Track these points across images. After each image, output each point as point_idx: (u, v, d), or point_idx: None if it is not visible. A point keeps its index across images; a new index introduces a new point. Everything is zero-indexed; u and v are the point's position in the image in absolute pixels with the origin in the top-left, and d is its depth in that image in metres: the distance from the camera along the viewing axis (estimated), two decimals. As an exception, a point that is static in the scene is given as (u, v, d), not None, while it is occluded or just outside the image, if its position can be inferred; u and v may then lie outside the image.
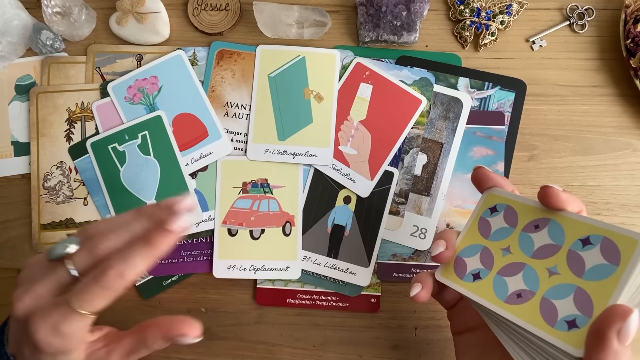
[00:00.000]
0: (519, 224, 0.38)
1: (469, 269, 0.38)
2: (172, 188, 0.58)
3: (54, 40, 0.59)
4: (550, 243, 0.36)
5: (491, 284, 0.36)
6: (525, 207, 0.38)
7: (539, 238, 0.36)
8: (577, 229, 0.35)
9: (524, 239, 0.37)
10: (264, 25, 0.58)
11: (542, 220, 0.37)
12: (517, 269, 0.36)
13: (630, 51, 0.57)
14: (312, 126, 0.58)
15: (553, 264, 0.34)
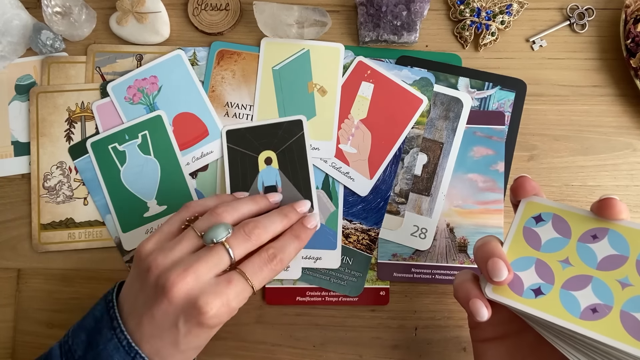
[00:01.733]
0: (574, 234, 0.36)
1: (527, 284, 0.36)
2: (172, 188, 0.58)
3: (54, 40, 0.59)
4: (614, 254, 0.34)
5: (558, 300, 0.34)
6: (575, 216, 0.36)
7: (600, 249, 0.35)
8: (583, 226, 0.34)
9: (584, 249, 0.35)
10: (264, 25, 0.58)
11: (599, 230, 0.35)
12: (584, 282, 0.34)
13: (630, 51, 0.57)
14: (316, 119, 0.58)
15: (624, 275, 0.33)
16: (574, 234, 0.36)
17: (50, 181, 0.58)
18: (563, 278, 0.35)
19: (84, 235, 0.58)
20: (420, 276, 0.57)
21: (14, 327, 0.58)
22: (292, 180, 0.57)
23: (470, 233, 0.57)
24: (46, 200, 0.58)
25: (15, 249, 0.58)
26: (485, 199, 0.58)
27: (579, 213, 0.36)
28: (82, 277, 0.58)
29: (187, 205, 0.47)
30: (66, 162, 0.59)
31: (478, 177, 0.58)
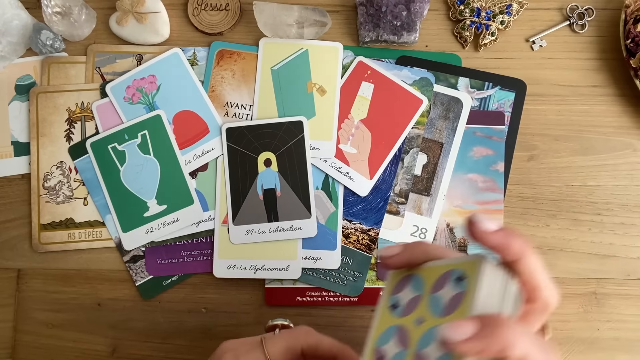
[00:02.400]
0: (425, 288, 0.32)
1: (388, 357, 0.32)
2: (172, 187, 0.58)
3: (54, 40, 0.59)
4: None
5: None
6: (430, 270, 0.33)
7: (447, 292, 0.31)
8: (432, 274, 0.32)
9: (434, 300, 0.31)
10: (264, 25, 0.58)
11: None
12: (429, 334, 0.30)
13: (630, 51, 0.57)
14: (315, 119, 0.58)
15: (419, 315, 0.31)
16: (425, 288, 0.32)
17: (50, 181, 0.58)
18: (417, 337, 0.31)
19: (84, 235, 0.58)
20: (420, 276, 0.57)
21: (14, 327, 0.58)
22: (291, 184, 0.57)
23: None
24: (46, 200, 0.58)
25: (15, 249, 0.58)
26: (485, 199, 0.58)
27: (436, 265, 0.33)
28: (82, 277, 0.58)
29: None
30: (66, 162, 0.59)
31: (478, 177, 0.58)
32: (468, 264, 0.30)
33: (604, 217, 0.58)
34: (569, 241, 0.58)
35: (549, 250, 0.58)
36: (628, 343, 0.57)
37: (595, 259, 0.58)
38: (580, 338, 0.57)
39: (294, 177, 0.58)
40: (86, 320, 0.58)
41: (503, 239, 0.29)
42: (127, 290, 0.58)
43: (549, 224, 0.58)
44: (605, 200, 0.58)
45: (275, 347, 0.38)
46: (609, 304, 0.57)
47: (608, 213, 0.58)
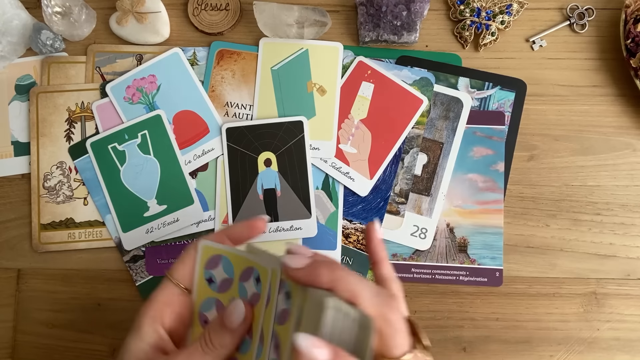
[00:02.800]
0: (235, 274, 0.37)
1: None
2: (172, 187, 0.58)
3: (54, 40, 0.59)
4: (227, 278, 0.37)
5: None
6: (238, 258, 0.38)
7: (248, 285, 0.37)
8: (239, 263, 0.37)
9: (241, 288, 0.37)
10: (264, 25, 0.58)
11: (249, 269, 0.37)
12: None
13: (630, 51, 0.57)
14: (315, 119, 0.58)
15: (231, 295, 0.37)
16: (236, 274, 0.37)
17: (50, 181, 0.58)
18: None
19: (84, 235, 0.58)
20: (420, 276, 0.57)
21: (14, 327, 0.58)
22: (291, 184, 0.57)
23: (470, 233, 0.57)
24: (46, 200, 0.58)
25: (15, 249, 0.58)
26: (485, 199, 0.58)
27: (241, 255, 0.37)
28: (82, 277, 0.58)
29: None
30: (66, 162, 0.59)
31: (478, 177, 0.58)
32: (263, 269, 0.35)
33: (604, 217, 0.58)
34: (569, 241, 0.58)
35: (549, 250, 0.58)
36: (628, 343, 0.57)
37: (595, 259, 0.58)
38: (580, 338, 0.57)
39: (294, 177, 0.58)
40: (86, 320, 0.57)
41: (308, 274, 0.31)
42: (127, 290, 0.58)
43: (549, 224, 0.58)
44: (605, 200, 0.58)
45: (180, 272, 0.38)
46: (609, 304, 0.57)
47: (608, 213, 0.58)
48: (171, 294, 0.37)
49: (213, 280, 0.37)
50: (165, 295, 0.37)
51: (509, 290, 0.57)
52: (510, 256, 0.58)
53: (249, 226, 0.39)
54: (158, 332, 0.35)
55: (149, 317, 0.36)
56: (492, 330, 0.57)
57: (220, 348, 0.34)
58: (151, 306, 0.36)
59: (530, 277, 0.57)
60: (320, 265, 0.31)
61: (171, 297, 0.37)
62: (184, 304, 0.37)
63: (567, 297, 0.57)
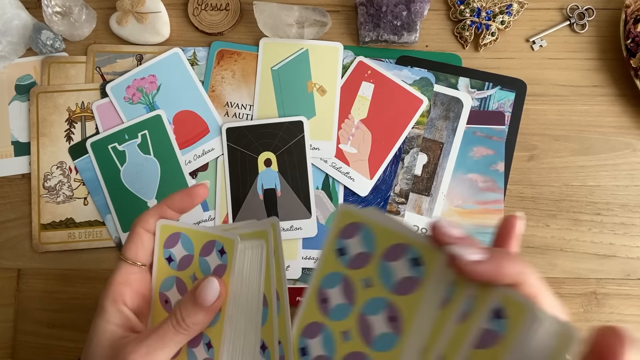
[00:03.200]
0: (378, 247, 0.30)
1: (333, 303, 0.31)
2: (172, 187, 0.58)
3: (54, 40, 0.59)
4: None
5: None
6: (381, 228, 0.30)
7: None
8: (386, 238, 0.30)
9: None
10: (264, 25, 0.58)
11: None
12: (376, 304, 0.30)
13: (630, 51, 0.57)
14: (315, 119, 0.58)
15: (367, 275, 0.30)
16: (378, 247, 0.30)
17: (50, 181, 0.58)
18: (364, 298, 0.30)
19: (84, 235, 0.58)
20: (420, 276, 0.57)
21: (14, 327, 0.58)
22: (291, 184, 0.57)
23: (470, 233, 0.57)
24: (46, 200, 0.58)
25: (15, 249, 0.58)
26: (485, 199, 0.58)
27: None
28: (82, 277, 0.58)
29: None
30: (66, 162, 0.59)
31: (478, 177, 0.58)
32: (227, 240, 0.31)
33: (604, 217, 0.58)
34: (569, 241, 0.58)
35: (549, 250, 0.58)
36: (628, 343, 0.57)
37: (595, 259, 0.58)
38: (580, 338, 0.57)
39: (294, 177, 0.58)
40: (86, 320, 0.57)
41: (493, 268, 0.25)
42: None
43: (549, 224, 0.58)
44: (605, 200, 0.58)
45: (132, 251, 0.37)
46: (609, 304, 0.57)
47: (608, 213, 0.58)
48: (127, 273, 0.37)
49: (172, 258, 0.37)
50: (122, 275, 0.37)
51: (509, 290, 0.57)
52: (510, 256, 0.58)
53: (189, 193, 0.38)
54: (122, 312, 0.36)
55: (110, 299, 0.36)
56: (492, 330, 0.57)
57: (194, 326, 0.33)
58: (110, 288, 0.36)
59: (530, 277, 0.57)
60: (501, 256, 0.26)
61: (127, 277, 0.37)
62: (143, 281, 0.37)
63: (567, 297, 0.57)
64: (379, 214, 0.30)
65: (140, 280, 0.37)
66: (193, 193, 0.39)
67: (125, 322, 0.36)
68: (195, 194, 0.39)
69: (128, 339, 0.34)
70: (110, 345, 0.34)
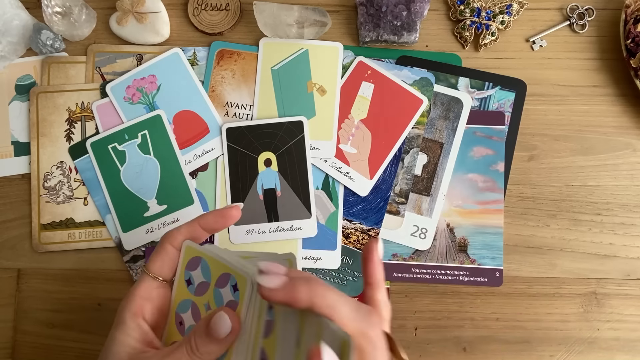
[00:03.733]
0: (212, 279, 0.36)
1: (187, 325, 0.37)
2: (172, 187, 0.58)
3: (54, 40, 0.59)
4: (204, 281, 0.37)
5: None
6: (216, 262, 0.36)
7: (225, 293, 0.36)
8: (217, 268, 0.36)
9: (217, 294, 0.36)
10: (264, 25, 0.58)
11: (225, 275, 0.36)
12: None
13: (630, 51, 0.57)
14: (315, 119, 0.58)
15: (207, 300, 0.36)
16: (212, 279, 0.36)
17: (50, 181, 0.58)
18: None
19: (84, 235, 0.58)
20: (420, 276, 0.57)
21: (14, 327, 0.58)
22: (291, 184, 0.57)
23: (470, 233, 0.57)
24: (46, 200, 0.58)
25: (15, 249, 0.58)
26: (485, 199, 0.58)
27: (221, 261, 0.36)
28: (82, 277, 0.58)
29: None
30: (66, 162, 0.59)
31: (478, 177, 0.58)
32: (241, 277, 0.34)
33: (604, 217, 0.58)
34: (569, 241, 0.58)
35: (549, 250, 0.58)
36: (628, 343, 0.57)
37: (595, 259, 0.58)
38: (580, 338, 0.57)
39: (294, 177, 0.58)
40: (86, 320, 0.58)
41: (285, 294, 0.30)
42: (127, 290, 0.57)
43: (549, 224, 0.58)
44: (605, 200, 0.58)
45: (156, 265, 0.38)
46: (609, 304, 0.57)
47: (608, 213, 0.58)
48: (150, 287, 0.37)
49: (191, 282, 0.37)
50: (144, 289, 0.37)
51: (509, 290, 0.57)
52: (510, 256, 0.58)
53: (222, 215, 0.38)
54: (142, 327, 0.36)
55: (131, 312, 0.36)
56: (492, 330, 0.57)
57: (207, 355, 0.34)
58: (132, 301, 0.36)
59: (530, 277, 0.57)
60: (297, 283, 0.30)
61: (150, 291, 0.37)
62: (163, 297, 0.37)
63: (567, 297, 0.57)
64: (217, 249, 0.37)
65: (162, 297, 0.37)
66: (227, 214, 0.38)
67: (144, 337, 0.36)
68: (229, 216, 0.38)
69: (147, 355, 0.34)
70: (129, 359, 0.34)
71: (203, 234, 0.39)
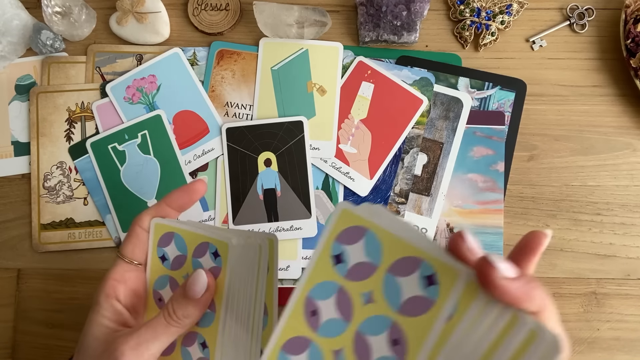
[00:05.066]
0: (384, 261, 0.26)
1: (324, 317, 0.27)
2: (172, 187, 0.57)
3: (54, 40, 0.59)
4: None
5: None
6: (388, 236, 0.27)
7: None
8: (394, 248, 0.26)
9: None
10: (264, 25, 0.58)
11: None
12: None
13: (630, 51, 0.57)
14: (315, 119, 0.58)
15: (368, 289, 0.26)
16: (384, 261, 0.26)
17: (50, 181, 0.58)
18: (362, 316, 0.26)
19: (84, 235, 0.58)
20: (420, 276, 0.57)
21: (14, 327, 0.58)
22: (291, 184, 0.57)
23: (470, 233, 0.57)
24: (46, 200, 0.58)
25: (15, 249, 0.58)
26: (485, 199, 0.58)
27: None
28: (82, 277, 0.58)
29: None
30: (66, 162, 0.59)
31: (478, 177, 0.58)
32: (222, 243, 0.30)
33: (604, 217, 0.58)
34: (569, 241, 0.58)
35: (549, 250, 0.58)
36: (628, 343, 0.57)
37: (595, 259, 0.58)
38: (580, 338, 0.57)
39: (294, 177, 0.58)
40: (86, 320, 0.58)
41: (525, 289, 0.24)
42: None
43: (549, 224, 0.58)
44: (605, 200, 0.58)
45: (129, 249, 0.38)
46: (609, 304, 0.57)
47: (608, 213, 0.58)
48: (123, 270, 0.38)
49: (166, 257, 0.37)
50: (117, 272, 0.37)
51: (509, 290, 0.57)
52: (510, 256, 0.58)
53: (187, 190, 0.39)
54: (115, 307, 0.36)
55: (104, 294, 0.37)
56: (492, 330, 0.57)
57: (184, 319, 0.34)
58: (105, 284, 0.37)
59: (530, 277, 0.57)
60: (536, 284, 0.24)
61: (123, 274, 0.37)
62: (138, 279, 0.38)
63: (567, 297, 0.57)
64: (389, 217, 0.26)
65: (136, 279, 0.38)
66: (191, 189, 0.39)
67: (118, 317, 0.36)
68: (193, 190, 0.39)
69: (120, 332, 0.35)
70: (104, 339, 0.35)
71: (172, 213, 0.39)
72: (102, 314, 0.36)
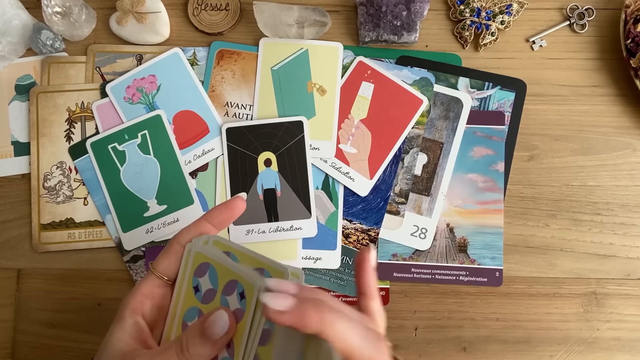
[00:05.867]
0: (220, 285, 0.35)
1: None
2: (172, 187, 0.58)
3: (54, 40, 0.59)
4: (211, 288, 0.35)
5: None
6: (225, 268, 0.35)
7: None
8: (224, 275, 0.35)
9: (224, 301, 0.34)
10: (264, 25, 0.58)
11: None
12: None
13: (630, 51, 0.57)
14: (315, 119, 0.58)
15: (214, 307, 0.35)
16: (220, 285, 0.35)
17: (50, 181, 0.58)
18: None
19: (84, 235, 0.58)
20: (420, 276, 0.57)
21: (14, 327, 0.58)
22: (291, 184, 0.57)
23: (470, 233, 0.57)
24: (46, 200, 0.58)
25: (15, 249, 0.58)
26: (485, 199, 0.58)
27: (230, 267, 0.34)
28: (82, 277, 0.58)
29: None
30: (66, 162, 0.59)
31: (478, 177, 0.58)
32: (249, 284, 0.32)
33: (604, 217, 0.58)
34: (569, 241, 0.58)
35: (549, 250, 0.58)
36: (628, 343, 0.57)
37: (595, 259, 0.58)
38: (580, 338, 0.57)
39: (294, 177, 0.58)
40: (86, 320, 0.58)
41: (294, 318, 0.28)
42: (127, 290, 0.57)
43: (549, 224, 0.58)
44: (605, 200, 0.58)
45: (163, 265, 0.37)
46: (609, 304, 0.57)
47: (608, 213, 0.58)
48: (153, 286, 0.37)
49: (199, 289, 0.36)
50: (147, 287, 0.37)
51: (508, 290, 0.57)
52: (510, 256, 0.58)
53: (228, 207, 0.38)
54: (139, 324, 0.36)
55: (131, 309, 0.36)
56: (492, 330, 0.57)
57: (197, 358, 0.32)
58: (133, 298, 0.36)
59: (530, 277, 0.57)
60: (306, 308, 0.28)
61: (153, 289, 0.37)
62: (164, 296, 0.37)
63: (567, 297, 0.57)
64: (220, 254, 0.35)
65: (163, 296, 0.37)
66: (232, 206, 0.38)
67: (139, 334, 0.36)
68: (234, 207, 0.38)
69: (138, 353, 0.34)
70: (121, 356, 0.34)
71: (212, 230, 0.38)
72: (125, 329, 0.35)
